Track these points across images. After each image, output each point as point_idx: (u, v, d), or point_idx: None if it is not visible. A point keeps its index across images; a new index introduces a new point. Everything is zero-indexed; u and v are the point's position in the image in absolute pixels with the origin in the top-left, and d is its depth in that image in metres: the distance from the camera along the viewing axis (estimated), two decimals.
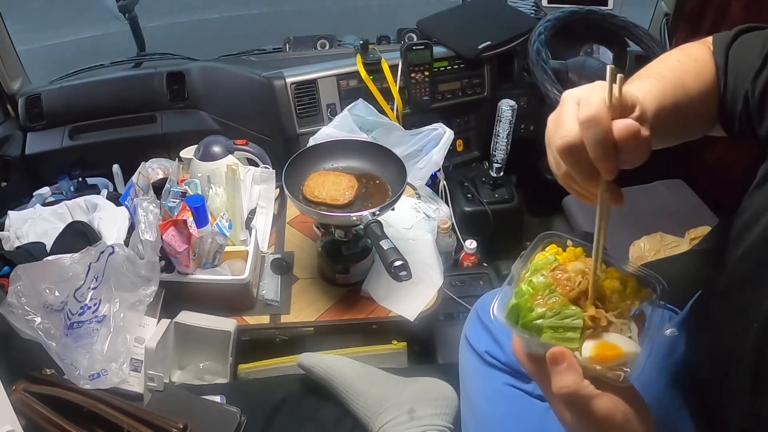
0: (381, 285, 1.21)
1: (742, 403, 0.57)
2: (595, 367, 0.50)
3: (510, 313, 0.54)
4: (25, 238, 1.26)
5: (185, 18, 4.27)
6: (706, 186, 1.73)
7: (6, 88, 1.60)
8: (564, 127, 0.49)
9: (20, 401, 0.92)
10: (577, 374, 0.49)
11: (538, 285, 0.53)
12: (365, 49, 1.63)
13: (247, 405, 1.03)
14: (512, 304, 0.54)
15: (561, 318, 0.51)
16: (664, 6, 1.82)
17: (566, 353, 0.49)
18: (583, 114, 0.47)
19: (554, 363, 0.49)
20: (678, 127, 0.63)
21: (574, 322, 0.51)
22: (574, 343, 0.51)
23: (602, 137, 0.46)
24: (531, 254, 0.59)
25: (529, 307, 0.53)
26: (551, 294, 0.53)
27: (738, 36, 0.66)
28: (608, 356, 0.50)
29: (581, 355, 0.51)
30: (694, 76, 0.64)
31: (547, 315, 0.52)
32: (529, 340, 0.53)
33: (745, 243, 0.59)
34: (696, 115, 0.65)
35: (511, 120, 1.59)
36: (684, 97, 0.61)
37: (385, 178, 1.23)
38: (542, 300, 0.53)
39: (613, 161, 0.47)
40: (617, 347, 0.51)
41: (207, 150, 1.32)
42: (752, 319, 0.55)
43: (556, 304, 0.52)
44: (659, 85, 0.59)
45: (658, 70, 0.64)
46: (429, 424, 0.96)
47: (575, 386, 0.48)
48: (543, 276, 0.54)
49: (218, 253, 1.17)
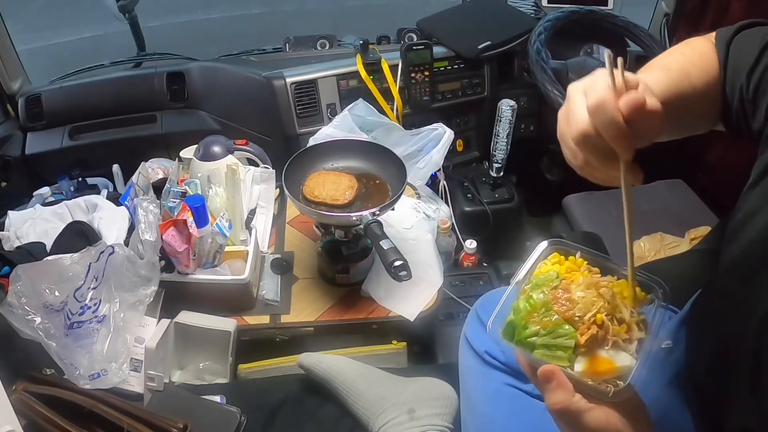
0: (381, 285, 1.21)
1: (741, 401, 0.57)
2: (587, 381, 0.51)
3: (506, 328, 0.56)
4: (25, 238, 1.26)
5: (185, 18, 4.26)
6: (706, 186, 1.73)
7: (6, 88, 1.61)
8: (575, 118, 0.50)
9: (20, 401, 0.92)
10: (567, 391, 0.50)
11: (536, 303, 0.54)
12: (365, 49, 1.63)
13: (247, 405, 1.02)
14: (508, 320, 0.56)
15: (554, 337, 0.53)
16: (664, 6, 1.82)
17: (556, 371, 0.51)
18: (590, 101, 0.49)
19: (545, 381, 0.51)
20: (684, 117, 0.64)
21: (566, 341, 0.52)
22: (564, 362, 0.52)
23: (612, 118, 0.48)
24: (533, 264, 0.60)
25: (524, 324, 0.54)
26: (547, 312, 0.54)
27: (740, 31, 0.67)
28: (600, 371, 0.52)
29: (573, 369, 0.52)
30: (699, 69, 0.65)
31: (540, 333, 0.53)
32: (526, 354, 0.54)
33: (741, 243, 0.60)
34: (700, 107, 0.65)
35: (511, 120, 1.59)
36: (689, 88, 0.62)
37: (385, 178, 1.23)
38: (538, 318, 0.54)
39: (627, 139, 0.48)
40: (610, 362, 0.52)
41: (207, 150, 1.32)
42: (750, 319, 0.55)
43: (550, 322, 0.53)
44: (664, 76, 0.60)
45: (663, 62, 0.65)
46: (429, 424, 0.96)
47: (565, 403, 0.50)
48: (543, 293, 0.55)
49: (218, 253, 1.17)
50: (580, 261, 0.58)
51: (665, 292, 0.57)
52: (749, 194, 0.60)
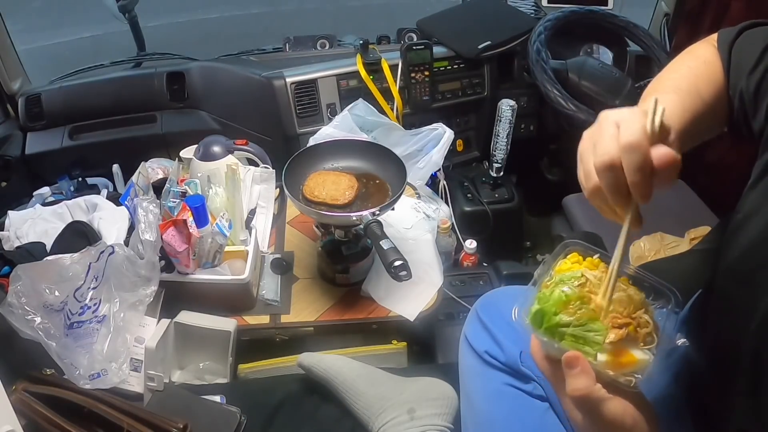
0: (381, 285, 1.21)
1: (740, 403, 0.57)
2: (608, 372, 0.52)
3: (534, 316, 0.56)
4: (25, 238, 1.26)
5: (185, 18, 4.26)
6: (706, 186, 1.73)
7: (6, 88, 1.60)
8: (604, 146, 0.50)
9: (20, 401, 0.92)
10: (590, 378, 0.51)
11: (572, 295, 0.55)
12: (365, 49, 1.63)
13: (247, 405, 1.03)
14: (536, 309, 0.56)
15: (586, 330, 0.53)
16: (664, 6, 1.82)
17: (581, 358, 0.51)
18: (625, 138, 0.49)
19: (569, 366, 0.51)
20: (697, 134, 0.64)
21: (596, 337, 0.53)
22: (590, 356, 0.53)
23: (642, 163, 0.48)
24: (553, 261, 0.61)
25: (554, 311, 0.55)
26: (582, 304, 0.54)
27: (741, 32, 0.67)
28: (622, 363, 0.53)
29: (596, 359, 0.53)
30: (706, 80, 0.65)
31: (573, 323, 0.54)
32: (548, 344, 0.55)
33: (741, 243, 0.60)
34: (712, 117, 0.66)
35: (511, 120, 1.59)
36: (701, 105, 0.63)
37: (385, 178, 1.23)
38: (573, 308, 0.54)
39: (649, 187, 0.49)
40: (631, 354, 0.53)
41: (207, 150, 1.32)
42: (750, 320, 0.55)
43: (584, 315, 0.54)
44: (679, 101, 0.60)
45: (674, 82, 0.66)
46: (429, 424, 0.96)
47: (587, 389, 0.51)
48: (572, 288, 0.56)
49: (218, 253, 1.17)
50: (597, 261, 0.59)
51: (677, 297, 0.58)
52: (749, 195, 0.61)
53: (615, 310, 0.54)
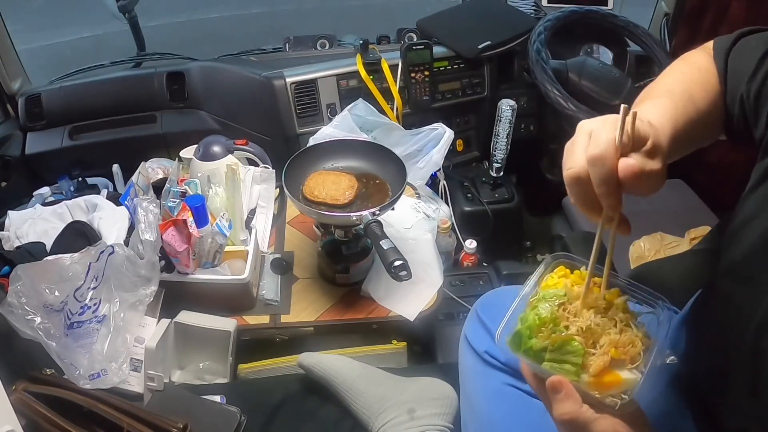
0: (381, 285, 1.21)
1: (740, 403, 0.57)
2: (594, 394, 0.52)
3: (513, 338, 0.56)
4: (25, 238, 1.26)
5: (185, 18, 4.26)
6: (706, 186, 1.73)
7: (6, 88, 1.60)
8: (573, 159, 0.51)
9: (20, 401, 0.92)
10: (576, 402, 0.51)
11: (545, 317, 0.55)
12: (365, 49, 1.63)
13: (247, 405, 1.03)
14: (516, 330, 0.56)
15: (563, 353, 0.53)
16: (664, 6, 1.82)
17: (564, 383, 0.51)
18: (591, 151, 0.49)
19: (554, 391, 0.52)
20: (691, 140, 0.64)
21: (574, 359, 0.53)
22: (572, 375, 0.53)
23: (606, 176, 0.48)
24: (541, 276, 0.61)
25: (528, 335, 0.55)
26: (555, 327, 0.54)
27: (738, 39, 0.67)
28: (607, 383, 0.52)
29: (578, 378, 0.53)
30: (700, 87, 0.65)
31: (549, 348, 0.54)
32: (532, 365, 0.55)
33: (740, 246, 0.60)
34: (706, 124, 0.65)
35: (511, 120, 1.59)
36: (694, 111, 0.62)
37: (385, 178, 1.23)
38: (546, 332, 0.54)
39: (615, 198, 0.49)
40: (616, 374, 0.53)
41: (207, 150, 1.32)
42: (750, 320, 0.55)
43: (558, 338, 0.54)
44: (671, 105, 0.60)
45: (667, 86, 0.65)
46: (429, 424, 0.96)
47: (574, 413, 0.51)
48: (549, 306, 0.56)
49: (218, 252, 1.17)
50: (585, 274, 0.58)
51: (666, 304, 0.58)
52: (748, 198, 0.61)
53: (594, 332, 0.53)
